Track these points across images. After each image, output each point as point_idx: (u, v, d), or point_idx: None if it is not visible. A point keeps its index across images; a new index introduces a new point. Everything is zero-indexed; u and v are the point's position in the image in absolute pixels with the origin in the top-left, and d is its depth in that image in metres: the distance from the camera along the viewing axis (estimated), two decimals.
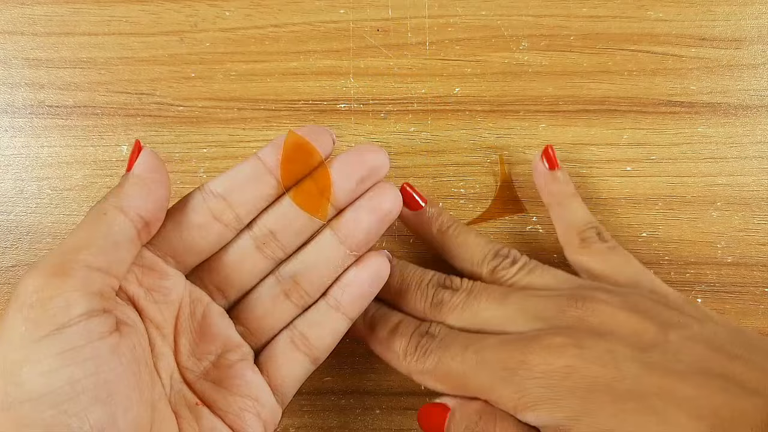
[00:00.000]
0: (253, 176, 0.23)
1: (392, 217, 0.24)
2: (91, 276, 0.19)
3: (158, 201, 0.22)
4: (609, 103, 0.32)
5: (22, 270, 0.31)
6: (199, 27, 0.33)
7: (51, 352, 0.17)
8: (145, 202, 0.21)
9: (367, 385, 0.29)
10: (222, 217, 0.23)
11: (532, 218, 0.31)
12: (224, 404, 0.23)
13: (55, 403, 0.17)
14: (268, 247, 0.24)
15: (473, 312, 0.24)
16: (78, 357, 0.18)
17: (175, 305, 0.23)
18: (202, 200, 0.23)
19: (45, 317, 0.17)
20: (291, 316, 0.24)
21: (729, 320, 0.25)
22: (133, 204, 0.21)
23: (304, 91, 0.32)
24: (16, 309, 0.18)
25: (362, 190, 0.24)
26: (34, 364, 0.17)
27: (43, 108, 0.32)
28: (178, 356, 0.23)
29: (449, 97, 0.32)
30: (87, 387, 0.17)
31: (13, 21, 0.33)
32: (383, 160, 0.24)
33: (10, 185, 0.32)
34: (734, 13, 0.33)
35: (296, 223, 0.24)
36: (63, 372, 0.17)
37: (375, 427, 0.29)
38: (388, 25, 0.33)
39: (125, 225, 0.20)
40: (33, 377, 0.17)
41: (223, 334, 0.24)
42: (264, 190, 0.23)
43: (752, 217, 0.31)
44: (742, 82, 0.32)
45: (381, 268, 0.24)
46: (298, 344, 0.24)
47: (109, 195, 0.21)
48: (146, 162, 0.22)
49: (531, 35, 0.33)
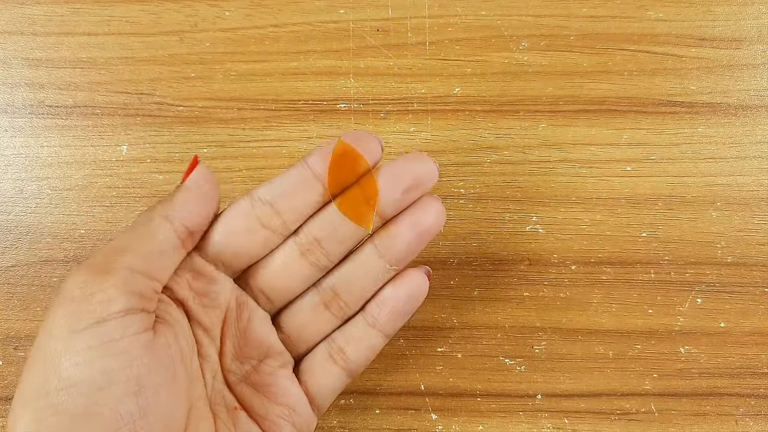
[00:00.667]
0: (301, 183, 0.23)
1: (434, 233, 0.23)
2: (133, 277, 0.20)
3: (204, 213, 0.22)
4: (609, 103, 0.32)
5: (22, 270, 0.31)
6: (199, 27, 0.33)
7: (88, 344, 0.18)
8: (190, 213, 0.22)
9: (367, 385, 0.29)
10: (269, 223, 0.23)
11: (532, 218, 0.31)
12: (262, 410, 0.23)
13: (89, 392, 0.18)
14: (312, 254, 0.24)
15: None
16: (112, 350, 0.18)
17: (222, 309, 0.23)
18: (251, 207, 0.23)
19: (85, 311, 0.19)
20: (330, 327, 0.25)
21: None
22: (179, 215, 0.22)
23: (304, 91, 0.32)
24: (59, 303, 0.19)
25: (409, 201, 0.23)
26: (71, 355, 0.18)
27: (42, 108, 0.32)
28: (223, 359, 0.23)
29: (449, 97, 0.32)
30: (119, 379, 0.18)
31: (13, 21, 0.33)
32: (431, 169, 0.23)
33: (10, 185, 0.32)
34: (734, 13, 0.33)
35: (340, 232, 0.23)
36: (97, 363, 0.18)
37: (375, 427, 0.29)
38: (388, 25, 0.33)
39: (169, 234, 0.21)
40: (69, 367, 0.18)
41: (266, 341, 0.24)
42: (311, 198, 0.23)
43: (752, 217, 0.31)
44: (742, 82, 0.32)
45: (419, 285, 0.24)
46: (336, 357, 0.24)
47: (158, 203, 0.22)
48: (198, 176, 0.23)
49: (531, 35, 0.33)
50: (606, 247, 0.30)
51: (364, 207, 0.23)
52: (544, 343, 0.29)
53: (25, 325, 0.30)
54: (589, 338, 0.29)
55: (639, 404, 0.29)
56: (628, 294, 0.30)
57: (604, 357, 0.29)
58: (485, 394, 0.29)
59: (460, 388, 0.29)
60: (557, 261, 0.30)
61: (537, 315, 0.30)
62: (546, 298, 0.30)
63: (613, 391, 0.29)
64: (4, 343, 0.30)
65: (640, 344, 0.29)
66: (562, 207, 0.31)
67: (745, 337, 0.29)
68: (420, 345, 0.30)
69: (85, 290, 0.19)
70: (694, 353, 0.29)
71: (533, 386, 0.29)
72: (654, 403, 0.29)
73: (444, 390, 0.29)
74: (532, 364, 0.29)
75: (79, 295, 0.19)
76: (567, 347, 0.29)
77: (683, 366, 0.29)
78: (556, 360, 0.29)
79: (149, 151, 0.32)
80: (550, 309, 0.30)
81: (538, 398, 0.29)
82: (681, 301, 0.30)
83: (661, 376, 0.29)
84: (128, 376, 0.18)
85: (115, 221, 0.31)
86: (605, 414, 0.29)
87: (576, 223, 0.31)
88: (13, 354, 0.30)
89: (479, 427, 0.29)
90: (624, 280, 0.30)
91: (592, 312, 0.30)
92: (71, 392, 0.18)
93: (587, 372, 0.29)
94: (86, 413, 0.18)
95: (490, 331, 0.30)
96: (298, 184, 0.23)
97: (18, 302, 0.30)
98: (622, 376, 0.29)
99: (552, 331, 0.30)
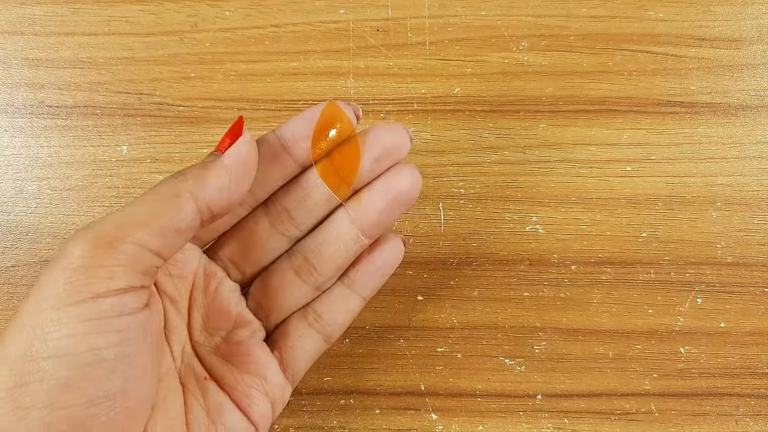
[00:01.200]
0: (270, 155, 0.23)
1: (408, 199, 0.23)
2: (142, 255, 0.19)
3: (236, 197, 0.21)
4: (609, 103, 0.32)
5: (22, 270, 0.31)
6: (199, 27, 0.33)
7: (81, 317, 0.18)
8: (220, 198, 0.20)
9: (367, 385, 0.29)
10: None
11: (532, 218, 0.31)
12: (232, 381, 0.23)
13: (74, 365, 0.17)
14: (281, 224, 0.24)
15: None
16: (105, 327, 0.18)
17: (189, 279, 0.23)
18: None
19: (84, 284, 0.18)
20: (304, 297, 0.24)
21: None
22: (208, 195, 0.20)
23: (304, 91, 0.32)
24: (60, 268, 0.18)
25: (380, 170, 0.23)
26: (62, 325, 0.17)
27: (42, 108, 0.32)
28: (191, 330, 0.23)
29: (449, 97, 0.32)
30: (107, 357, 0.18)
31: (13, 21, 0.33)
32: (402, 138, 0.23)
33: (10, 185, 0.32)
34: (734, 13, 0.33)
35: (311, 201, 0.23)
36: (89, 338, 0.17)
37: (375, 427, 0.29)
38: (388, 25, 0.33)
39: (193, 215, 0.20)
40: (58, 337, 0.17)
41: (233, 310, 0.24)
42: (280, 170, 0.23)
43: (752, 217, 0.31)
44: (742, 82, 0.32)
45: (395, 246, 0.24)
46: (311, 321, 0.24)
47: (188, 175, 0.20)
48: (241, 153, 0.21)
49: (531, 35, 0.33)
50: (606, 247, 0.30)
51: (343, 174, 0.23)
52: (544, 343, 0.29)
53: None
54: (589, 338, 0.29)
55: (639, 404, 0.29)
56: (628, 294, 0.30)
57: (604, 357, 0.29)
58: (485, 394, 0.29)
59: (460, 388, 0.29)
60: (557, 261, 0.30)
61: (537, 315, 0.30)
62: (546, 298, 0.30)
63: (613, 391, 0.29)
64: None
65: (640, 344, 0.29)
66: (562, 207, 0.31)
67: (745, 337, 0.29)
68: (420, 345, 0.30)
69: (88, 262, 0.18)
70: (694, 353, 0.29)
71: (533, 386, 0.29)
72: (654, 403, 0.29)
73: (444, 390, 0.29)
74: (532, 364, 0.29)
75: (80, 265, 0.18)
76: (567, 347, 0.29)
77: (683, 366, 0.29)
78: (556, 360, 0.29)
79: (149, 151, 0.32)
80: (550, 309, 0.30)
81: (538, 398, 0.29)
82: (681, 301, 0.30)
83: (661, 376, 0.29)
84: (117, 354, 0.18)
85: None
86: (605, 414, 0.29)
87: (576, 223, 0.31)
88: None
89: (479, 427, 0.29)
90: (624, 280, 0.30)
91: (592, 312, 0.30)
92: (57, 362, 0.17)
93: (587, 372, 0.29)
94: (69, 385, 0.17)
95: (490, 331, 0.30)
96: (266, 156, 0.23)
97: (18, 302, 0.30)
98: (622, 376, 0.29)
99: (552, 331, 0.30)
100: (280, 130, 0.23)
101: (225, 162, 0.20)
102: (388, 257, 0.24)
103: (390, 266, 0.24)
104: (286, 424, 0.29)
